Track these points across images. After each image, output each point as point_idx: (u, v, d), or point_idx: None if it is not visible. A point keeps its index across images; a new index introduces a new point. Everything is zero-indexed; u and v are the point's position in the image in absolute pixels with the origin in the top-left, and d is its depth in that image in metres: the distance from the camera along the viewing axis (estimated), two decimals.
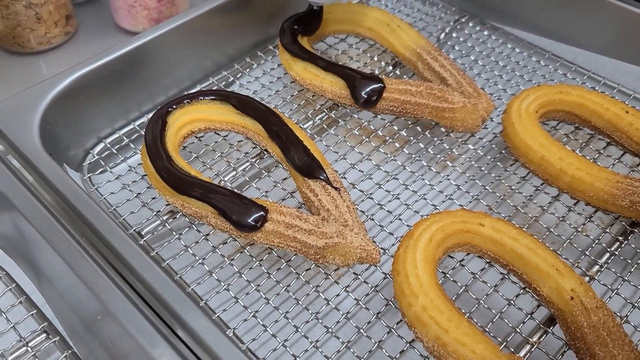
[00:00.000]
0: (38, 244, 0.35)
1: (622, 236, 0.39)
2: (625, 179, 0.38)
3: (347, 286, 0.36)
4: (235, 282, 0.36)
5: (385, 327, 0.34)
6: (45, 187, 0.37)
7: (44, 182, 0.37)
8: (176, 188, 0.37)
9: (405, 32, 0.48)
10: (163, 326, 0.32)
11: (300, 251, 0.35)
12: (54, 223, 0.34)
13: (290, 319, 0.34)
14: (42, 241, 0.34)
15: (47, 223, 0.34)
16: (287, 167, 0.40)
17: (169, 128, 0.41)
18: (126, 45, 0.45)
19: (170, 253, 0.37)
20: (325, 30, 0.52)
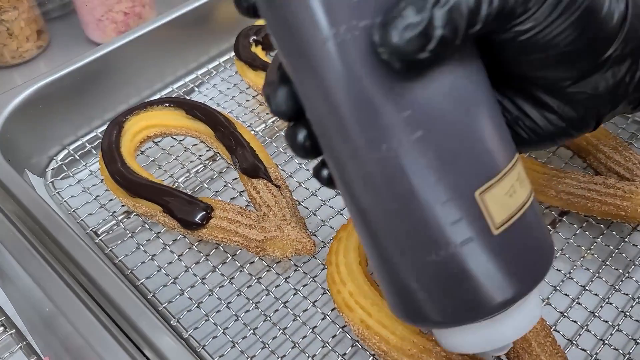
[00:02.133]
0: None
1: (551, 225, 0.41)
2: (551, 170, 0.40)
3: (287, 277, 0.38)
4: (183, 277, 0.38)
5: (321, 313, 0.36)
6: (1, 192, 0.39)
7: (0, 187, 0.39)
8: (128, 189, 0.40)
9: None
10: (112, 325, 0.34)
11: (242, 245, 0.38)
12: (7, 225, 0.36)
13: (231, 308, 0.36)
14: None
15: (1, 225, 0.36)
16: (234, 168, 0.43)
17: (125, 134, 0.44)
18: (86, 57, 0.47)
19: (124, 251, 0.40)
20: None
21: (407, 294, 0.24)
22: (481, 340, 0.25)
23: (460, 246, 0.22)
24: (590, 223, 0.40)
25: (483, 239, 0.22)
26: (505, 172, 0.22)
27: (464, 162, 0.22)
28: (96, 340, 0.32)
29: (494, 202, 0.22)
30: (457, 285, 0.22)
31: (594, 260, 0.39)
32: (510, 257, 0.23)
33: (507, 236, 0.22)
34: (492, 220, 0.22)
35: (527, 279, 0.23)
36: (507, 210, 0.22)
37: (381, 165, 0.22)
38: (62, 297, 0.34)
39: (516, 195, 0.23)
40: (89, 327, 0.33)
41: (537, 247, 0.24)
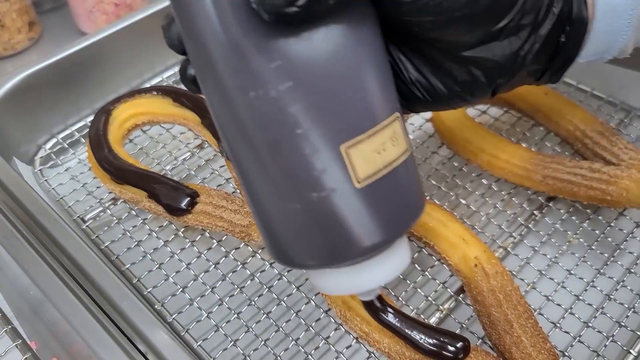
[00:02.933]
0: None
1: (538, 210, 0.40)
2: (537, 155, 0.40)
3: (272, 262, 0.38)
4: (168, 262, 0.38)
5: (305, 298, 0.36)
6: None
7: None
8: (114, 175, 0.40)
9: None
10: (98, 310, 0.34)
11: (227, 230, 0.38)
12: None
13: (216, 293, 0.36)
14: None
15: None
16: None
17: (113, 122, 0.44)
18: (75, 46, 0.48)
19: (110, 237, 0.40)
20: None
21: (278, 238, 0.25)
22: (349, 284, 0.26)
23: (323, 196, 0.23)
24: (576, 208, 0.40)
25: (345, 191, 0.23)
26: (375, 130, 0.23)
27: (331, 117, 0.23)
28: (82, 325, 0.32)
29: (359, 157, 0.23)
30: (321, 231, 0.24)
31: (580, 245, 0.39)
32: (373, 209, 0.24)
33: (371, 190, 0.23)
34: (355, 175, 0.23)
35: (389, 230, 0.24)
36: (372, 166, 0.23)
37: (250, 110, 0.22)
38: (48, 283, 0.34)
39: (386, 153, 0.23)
40: (75, 312, 0.33)
41: (403, 202, 0.25)
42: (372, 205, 0.23)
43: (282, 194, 0.24)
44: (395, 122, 0.24)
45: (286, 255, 0.25)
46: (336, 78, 0.23)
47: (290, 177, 0.23)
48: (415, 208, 0.25)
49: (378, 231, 0.24)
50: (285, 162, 0.23)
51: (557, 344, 0.33)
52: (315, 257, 0.25)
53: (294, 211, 0.24)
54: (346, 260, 0.25)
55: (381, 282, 0.26)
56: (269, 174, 0.23)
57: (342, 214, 0.23)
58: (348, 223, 0.23)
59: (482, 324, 0.33)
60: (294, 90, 0.22)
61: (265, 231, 0.26)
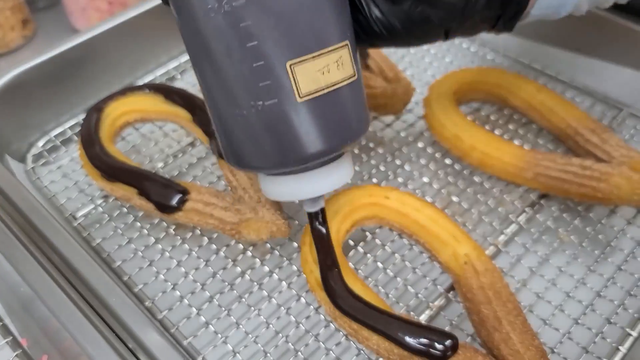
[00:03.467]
0: None
1: (530, 207, 0.40)
2: (529, 152, 0.40)
3: (263, 260, 0.38)
4: (159, 260, 0.38)
5: (295, 295, 0.36)
6: None
7: None
8: (105, 172, 0.40)
9: None
10: (88, 308, 0.33)
11: (218, 227, 0.38)
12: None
13: (207, 290, 0.36)
14: None
15: None
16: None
17: (105, 119, 0.43)
18: (67, 43, 0.47)
19: (102, 235, 0.40)
20: None
21: (232, 142, 0.29)
22: (294, 190, 0.30)
23: (268, 105, 0.27)
24: (568, 206, 0.40)
25: (287, 103, 0.26)
26: (321, 52, 0.26)
27: (281, 35, 0.26)
28: (71, 322, 0.32)
29: (303, 74, 0.26)
30: (266, 137, 0.27)
31: (571, 242, 0.39)
32: (313, 122, 0.27)
33: (312, 105, 0.27)
34: (298, 90, 0.26)
35: (328, 142, 0.28)
36: (315, 84, 0.26)
37: (207, 23, 0.26)
38: (37, 280, 0.34)
39: (329, 75, 0.27)
40: (64, 309, 0.33)
41: (343, 120, 0.28)
42: (312, 119, 0.27)
43: (233, 101, 0.27)
44: (344, 49, 0.27)
45: (240, 158, 0.29)
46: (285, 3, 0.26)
47: (239, 85, 0.27)
48: (355, 129, 0.29)
49: (318, 142, 0.27)
50: (236, 72, 0.26)
51: (547, 341, 0.33)
52: (263, 161, 0.28)
53: (242, 117, 0.27)
54: (289, 165, 0.28)
55: (322, 191, 0.30)
56: (223, 82, 0.27)
57: (285, 123, 0.27)
58: (291, 132, 0.27)
59: (472, 321, 0.33)
60: (247, 6, 0.25)
61: (221, 136, 0.29)
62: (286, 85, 0.26)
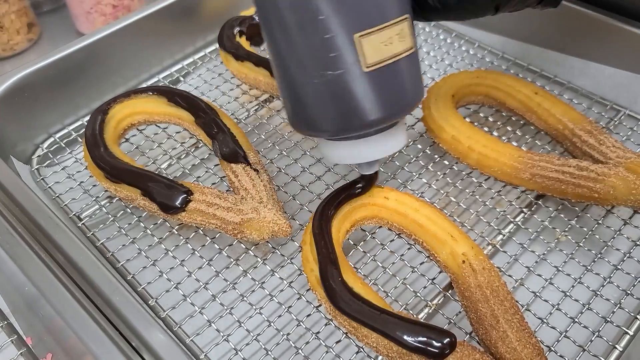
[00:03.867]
0: None
1: (527, 208, 0.41)
2: (526, 153, 0.40)
3: (265, 259, 0.39)
4: (163, 259, 0.39)
5: (296, 293, 0.37)
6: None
7: None
8: (109, 174, 0.40)
9: None
10: (92, 307, 0.34)
11: (220, 227, 0.38)
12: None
13: (209, 289, 0.37)
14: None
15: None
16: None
17: (109, 121, 0.44)
18: (72, 46, 0.48)
19: (106, 235, 0.41)
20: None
21: (300, 108, 0.32)
22: (354, 154, 0.33)
23: (337, 74, 0.29)
24: (565, 206, 0.41)
25: (353, 73, 0.29)
26: (385, 25, 0.29)
27: (349, 9, 0.28)
28: (75, 320, 0.33)
29: (369, 46, 0.29)
30: (333, 104, 0.30)
31: (568, 242, 0.39)
32: (376, 91, 0.30)
33: (376, 74, 0.29)
34: (365, 60, 0.29)
35: (388, 110, 0.31)
36: (379, 55, 0.29)
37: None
38: (42, 279, 0.35)
39: (392, 46, 0.29)
40: (69, 307, 0.33)
41: (402, 90, 0.31)
42: (375, 88, 0.30)
43: (304, 70, 0.30)
44: (404, 22, 0.30)
45: (307, 123, 0.32)
46: None
47: (311, 56, 0.29)
48: (412, 97, 0.32)
49: (379, 109, 0.30)
50: (309, 43, 0.29)
51: (545, 340, 0.34)
52: (328, 125, 0.31)
53: (313, 85, 0.30)
54: (352, 130, 0.31)
55: (380, 156, 0.33)
56: (295, 52, 0.30)
57: (351, 91, 0.29)
58: (356, 99, 0.30)
59: (470, 320, 0.34)
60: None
61: (291, 103, 0.32)
62: (353, 56, 0.29)
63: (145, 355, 0.32)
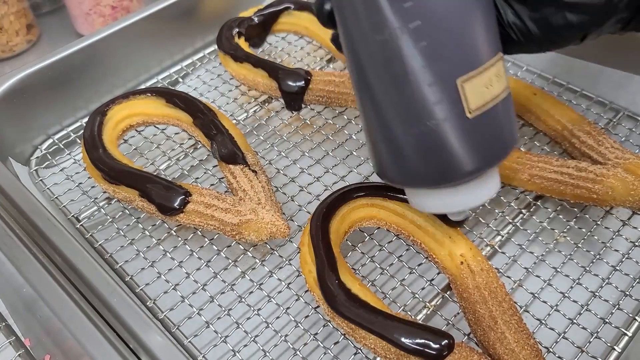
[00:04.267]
0: None
1: (526, 209, 0.41)
2: (525, 154, 0.40)
3: (263, 260, 0.39)
4: (161, 261, 0.39)
5: (295, 295, 0.37)
6: None
7: None
8: (108, 175, 0.40)
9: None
10: (90, 309, 0.34)
11: (219, 229, 0.38)
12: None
13: (208, 291, 0.37)
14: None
15: None
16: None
17: (107, 123, 0.44)
18: (71, 47, 0.48)
19: (104, 236, 0.41)
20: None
21: (394, 160, 0.30)
22: (444, 203, 0.31)
23: (438, 123, 0.27)
24: (564, 207, 0.41)
25: (458, 119, 0.27)
26: (486, 66, 0.27)
27: (452, 53, 0.27)
28: (72, 322, 0.33)
29: (472, 90, 0.27)
30: (432, 154, 0.28)
31: (567, 243, 0.39)
32: (478, 138, 0.28)
33: (478, 120, 0.28)
34: (468, 106, 0.27)
35: (488, 158, 0.29)
36: (481, 99, 0.27)
37: (382, 47, 0.27)
38: (40, 281, 0.35)
39: (492, 88, 0.28)
40: (66, 309, 0.33)
41: (501, 134, 0.29)
42: (476, 135, 0.28)
43: (405, 121, 0.28)
44: (500, 61, 0.28)
45: (401, 175, 0.30)
46: (456, 17, 0.26)
47: (411, 104, 0.28)
48: (509, 141, 0.30)
49: (481, 157, 0.28)
50: (409, 91, 0.27)
51: (543, 341, 0.34)
52: (427, 177, 0.29)
53: (413, 135, 0.28)
54: (452, 180, 0.29)
55: (473, 205, 0.31)
56: (395, 102, 0.28)
57: (452, 140, 0.28)
58: (457, 148, 0.28)
59: (468, 321, 0.34)
60: (422, 28, 0.26)
61: (382, 153, 0.30)
62: (457, 103, 0.27)
63: (143, 357, 0.32)
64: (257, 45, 0.54)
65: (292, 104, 0.47)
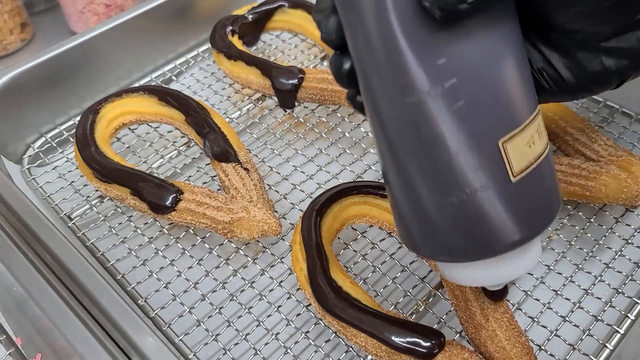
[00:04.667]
0: None
1: None
2: None
3: (255, 259, 0.39)
4: (153, 259, 0.39)
5: (286, 293, 0.37)
6: None
7: None
8: (99, 173, 0.40)
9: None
10: (80, 308, 0.34)
11: (210, 227, 0.38)
12: None
13: (199, 289, 0.37)
14: None
15: None
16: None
17: (100, 121, 0.44)
18: (63, 45, 0.48)
19: (96, 234, 0.40)
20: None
21: (428, 234, 0.26)
22: (482, 277, 0.27)
23: (480, 191, 0.24)
24: None
25: (501, 185, 0.24)
26: (527, 123, 0.24)
27: (490, 112, 0.23)
28: (62, 320, 0.33)
29: (515, 151, 0.24)
30: (471, 226, 0.24)
31: (560, 240, 0.39)
32: (522, 203, 0.24)
33: (522, 184, 0.24)
34: (512, 169, 0.24)
35: (534, 225, 0.25)
36: (525, 160, 0.24)
37: (413, 109, 0.23)
38: (29, 279, 0.34)
39: (535, 146, 0.24)
40: (56, 307, 0.33)
41: (546, 197, 0.26)
42: (521, 200, 0.24)
43: (441, 191, 0.24)
44: (539, 115, 0.25)
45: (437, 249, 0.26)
46: (493, 73, 0.23)
47: (447, 172, 0.24)
48: (555, 203, 0.26)
49: (524, 226, 0.25)
50: (444, 157, 0.24)
51: (535, 339, 0.33)
52: (467, 250, 0.25)
53: (451, 206, 0.24)
54: (493, 254, 0.25)
55: (514, 276, 0.27)
56: (426, 168, 0.24)
57: (494, 209, 0.24)
58: (499, 218, 0.24)
59: (459, 318, 0.33)
60: (458, 86, 0.23)
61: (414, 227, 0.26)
62: (500, 166, 0.24)
63: (134, 357, 0.32)
64: (251, 43, 0.54)
65: (286, 102, 0.47)
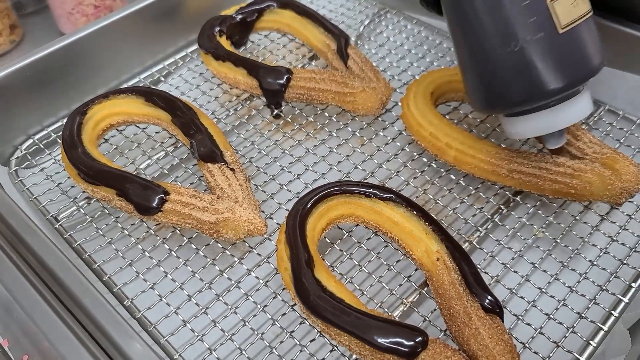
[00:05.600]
0: None
1: (505, 205, 0.41)
2: (503, 150, 0.40)
3: (242, 259, 0.39)
4: (139, 260, 0.39)
5: (272, 292, 0.37)
6: None
7: None
8: (86, 174, 0.40)
9: (316, 27, 0.51)
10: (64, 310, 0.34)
11: (196, 227, 0.38)
12: None
13: (185, 290, 0.37)
14: None
15: None
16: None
17: (87, 122, 0.44)
18: (51, 46, 0.48)
19: (83, 236, 0.40)
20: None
21: (490, 84, 0.35)
22: (539, 126, 0.35)
23: (535, 39, 0.32)
24: (544, 202, 0.41)
25: (551, 35, 0.32)
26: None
27: None
28: (46, 324, 0.33)
29: (561, 8, 0.32)
30: (527, 71, 0.33)
31: (546, 238, 0.39)
32: (569, 53, 0.32)
33: (568, 36, 0.32)
34: (559, 22, 0.32)
35: (576, 76, 0.33)
36: (570, 16, 0.32)
37: None
38: (14, 282, 0.35)
39: (578, 7, 0.33)
40: (39, 310, 0.33)
41: (589, 52, 0.33)
42: (569, 49, 0.32)
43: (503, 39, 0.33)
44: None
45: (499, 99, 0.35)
46: None
47: (507, 25, 0.32)
48: (597, 59, 0.34)
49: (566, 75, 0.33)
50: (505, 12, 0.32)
51: (519, 336, 0.34)
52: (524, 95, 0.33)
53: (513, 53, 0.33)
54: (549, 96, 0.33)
55: (566, 124, 0.35)
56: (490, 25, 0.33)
57: (549, 54, 0.32)
58: (553, 62, 0.32)
59: (443, 317, 0.33)
60: None
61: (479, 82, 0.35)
62: (549, 19, 0.32)
63: (117, 358, 0.32)
64: (239, 43, 0.54)
65: (273, 102, 0.47)
